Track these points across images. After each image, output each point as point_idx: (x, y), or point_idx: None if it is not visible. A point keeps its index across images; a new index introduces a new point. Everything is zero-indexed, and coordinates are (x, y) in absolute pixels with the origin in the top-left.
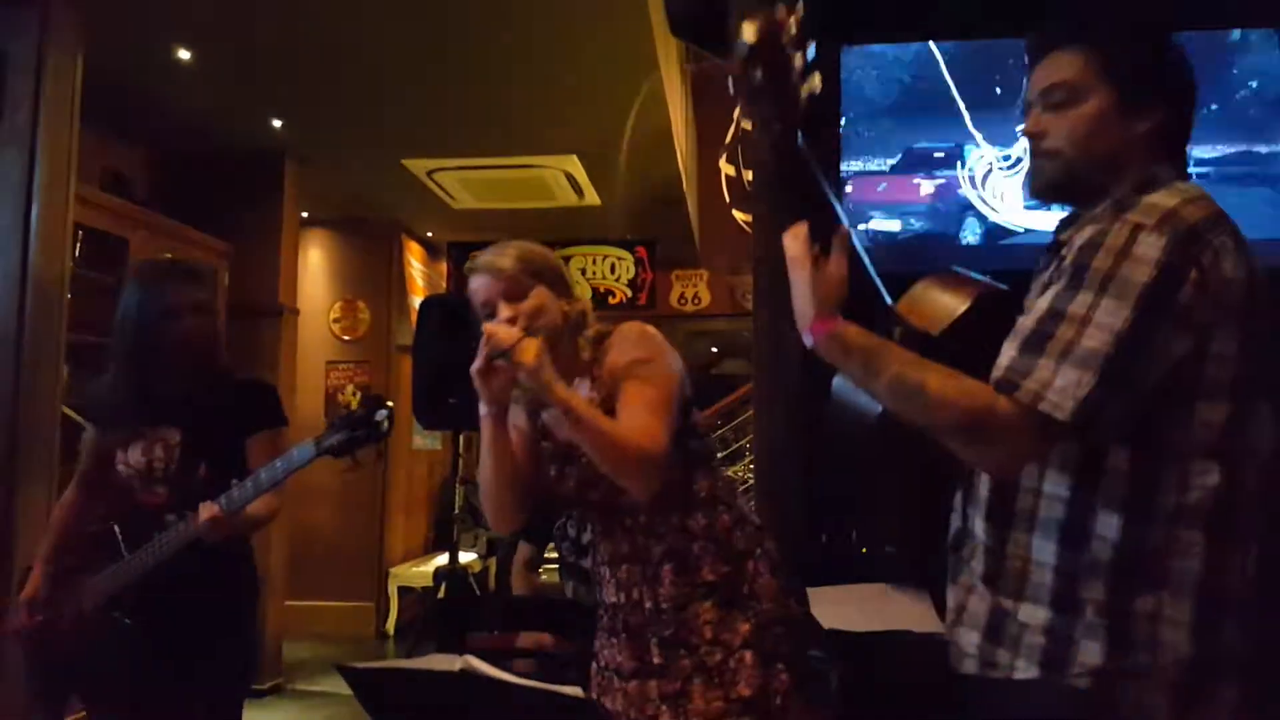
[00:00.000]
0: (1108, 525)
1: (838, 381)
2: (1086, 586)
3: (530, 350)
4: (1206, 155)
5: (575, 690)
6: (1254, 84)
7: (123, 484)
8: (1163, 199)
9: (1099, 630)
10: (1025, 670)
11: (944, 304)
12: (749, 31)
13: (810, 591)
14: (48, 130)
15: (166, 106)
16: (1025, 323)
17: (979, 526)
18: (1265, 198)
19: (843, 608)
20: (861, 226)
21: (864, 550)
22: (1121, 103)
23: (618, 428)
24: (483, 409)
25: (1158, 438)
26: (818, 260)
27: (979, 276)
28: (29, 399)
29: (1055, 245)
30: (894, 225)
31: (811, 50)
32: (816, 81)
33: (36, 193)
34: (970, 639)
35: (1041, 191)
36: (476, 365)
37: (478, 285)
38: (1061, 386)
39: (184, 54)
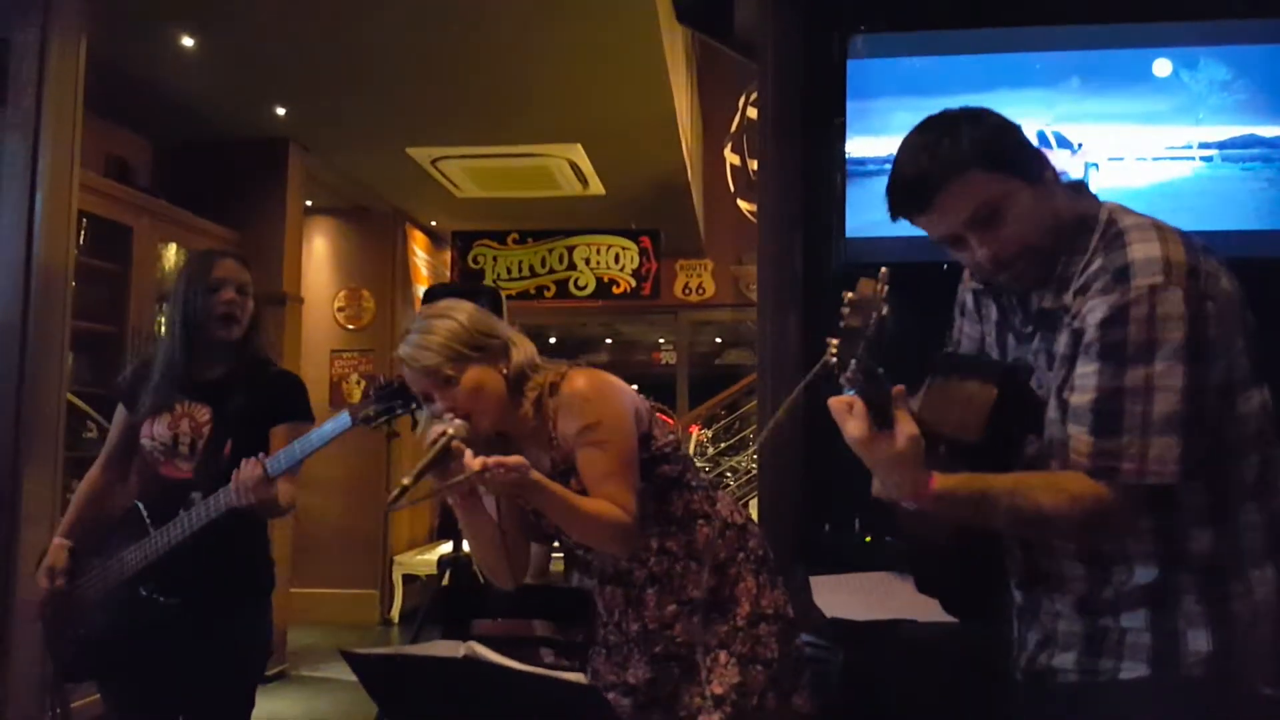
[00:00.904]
0: (1201, 540)
1: None
2: (1182, 584)
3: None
4: (1210, 139)
5: (578, 677)
6: (1258, 64)
7: (146, 458)
8: (1148, 248)
9: (1200, 617)
10: (1132, 670)
11: (968, 404)
12: (855, 320)
13: (813, 580)
14: (51, 117)
15: (170, 94)
16: (1080, 404)
17: (1069, 568)
18: (1270, 179)
19: (846, 596)
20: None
21: (867, 539)
22: (1028, 182)
23: (590, 508)
24: (449, 499)
25: (1219, 446)
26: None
27: (977, 357)
28: (34, 386)
29: (1043, 312)
30: None
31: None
32: (886, 310)
33: (41, 180)
34: (1066, 659)
35: (1029, 286)
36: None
37: (409, 377)
38: (1158, 455)
39: (187, 41)
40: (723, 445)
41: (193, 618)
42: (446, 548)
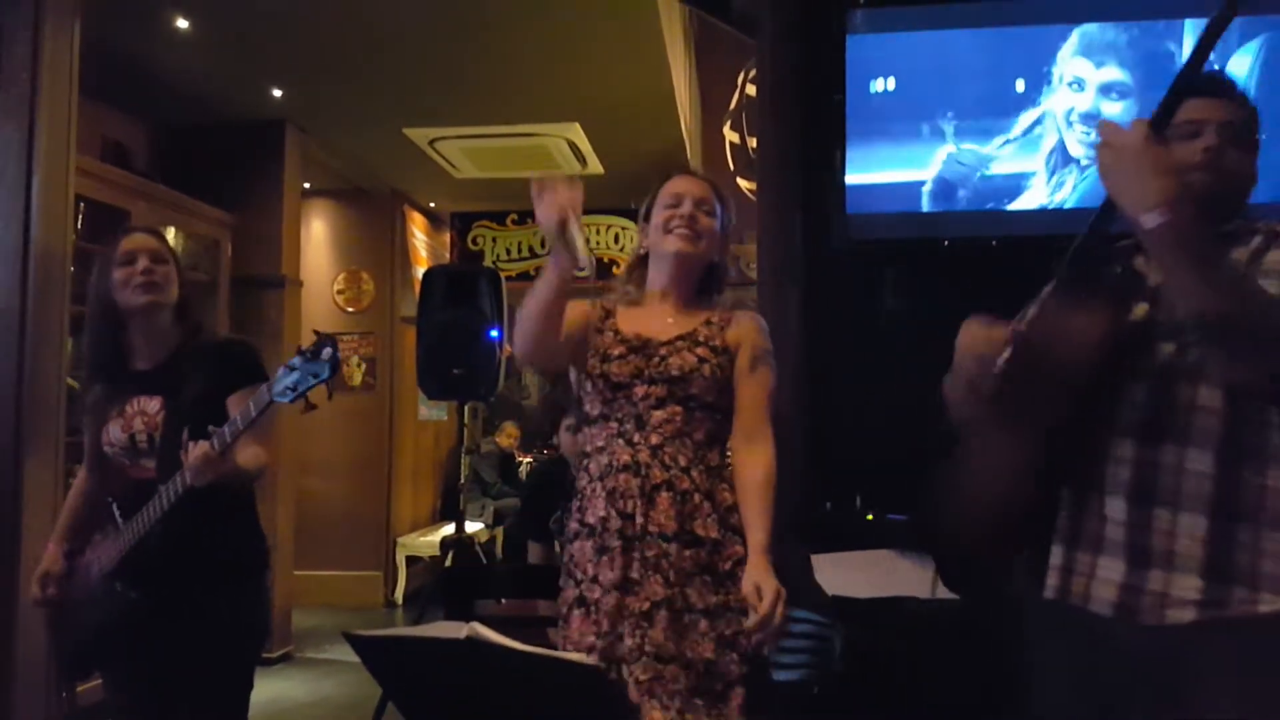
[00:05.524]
0: None
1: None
2: None
3: None
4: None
5: (580, 656)
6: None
7: (114, 463)
8: None
9: None
10: (1275, 602)
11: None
12: None
13: (815, 558)
14: (46, 102)
15: (165, 76)
16: None
17: (1203, 462)
18: None
19: (848, 573)
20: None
21: (869, 516)
22: (1249, 149)
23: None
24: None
25: None
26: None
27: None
28: (33, 372)
29: (1244, 229)
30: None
31: None
32: None
33: (37, 165)
34: (1186, 585)
35: (1197, 197)
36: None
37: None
38: None
39: (182, 22)
40: None
41: (177, 608)
42: (449, 529)
